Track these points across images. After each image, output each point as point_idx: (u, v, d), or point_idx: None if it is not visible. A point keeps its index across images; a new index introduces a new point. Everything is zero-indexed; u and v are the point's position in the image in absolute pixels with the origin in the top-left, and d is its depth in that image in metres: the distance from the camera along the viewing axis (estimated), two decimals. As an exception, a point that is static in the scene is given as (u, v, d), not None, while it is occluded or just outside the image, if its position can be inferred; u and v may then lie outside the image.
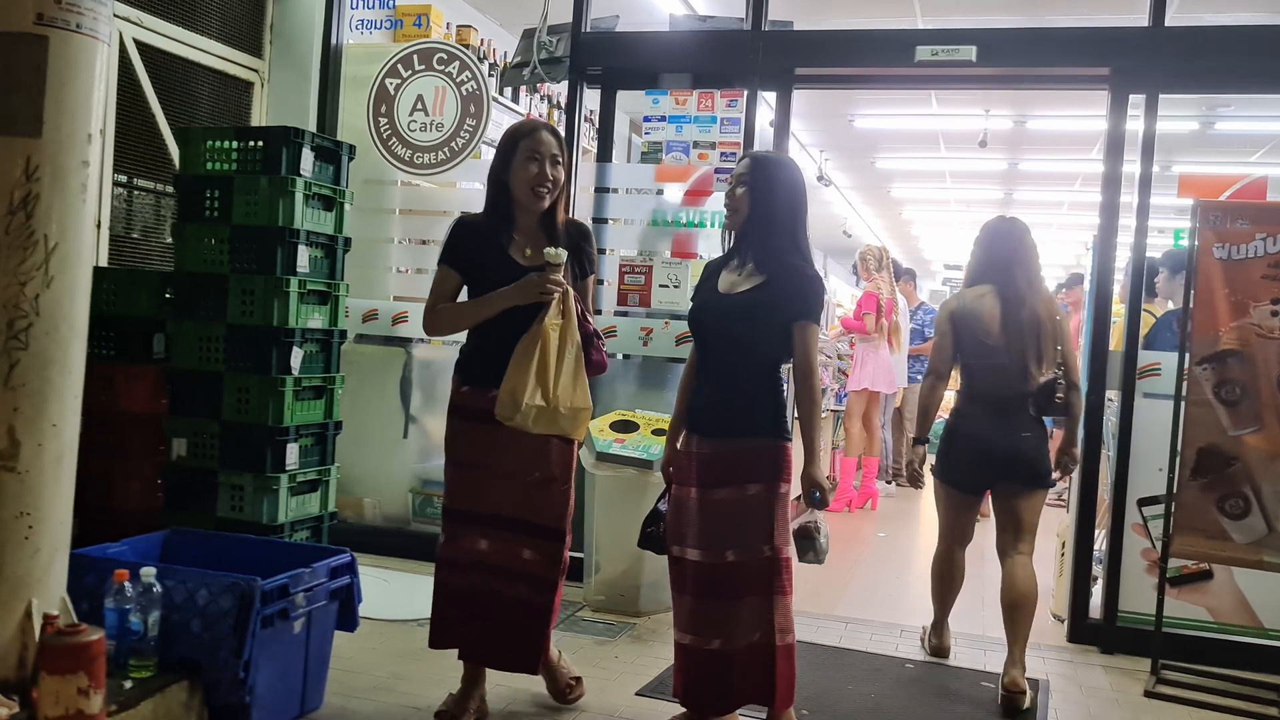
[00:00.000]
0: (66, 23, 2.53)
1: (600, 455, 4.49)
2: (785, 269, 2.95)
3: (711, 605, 2.96)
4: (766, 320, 2.94)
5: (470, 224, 3.14)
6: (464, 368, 3.15)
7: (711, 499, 2.97)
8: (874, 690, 3.74)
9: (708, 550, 2.96)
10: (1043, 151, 10.23)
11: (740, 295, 2.97)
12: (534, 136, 3.05)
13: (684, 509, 3.04)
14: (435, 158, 5.15)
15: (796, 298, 2.94)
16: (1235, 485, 3.91)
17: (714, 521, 2.96)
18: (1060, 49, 4.58)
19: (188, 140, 4.02)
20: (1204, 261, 3.99)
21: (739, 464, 2.95)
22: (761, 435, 2.95)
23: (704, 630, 2.97)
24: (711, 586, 2.95)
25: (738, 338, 2.97)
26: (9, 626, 2.52)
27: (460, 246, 3.10)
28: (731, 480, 2.95)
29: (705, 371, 3.07)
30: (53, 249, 2.55)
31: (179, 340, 3.93)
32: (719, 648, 2.95)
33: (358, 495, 5.33)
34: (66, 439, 2.63)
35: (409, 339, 5.35)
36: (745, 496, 2.93)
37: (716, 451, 2.98)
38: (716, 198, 4.85)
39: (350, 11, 5.49)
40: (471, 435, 3.09)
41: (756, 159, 3.07)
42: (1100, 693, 3.90)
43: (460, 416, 3.13)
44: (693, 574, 2.99)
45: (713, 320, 3.02)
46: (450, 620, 3.14)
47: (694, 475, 3.01)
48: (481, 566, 3.09)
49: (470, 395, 3.10)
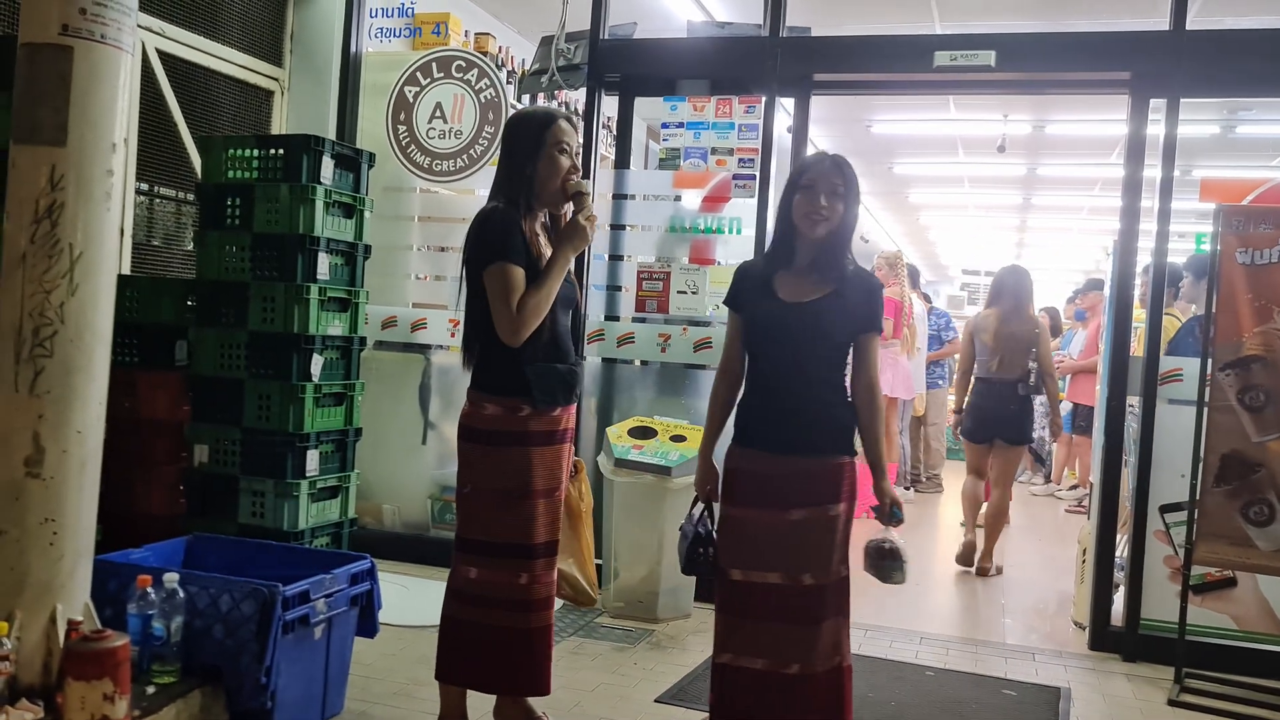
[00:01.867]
0: (91, 33, 2.55)
1: (619, 461, 4.49)
2: (853, 277, 2.80)
3: (790, 630, 2.76)
4: (840, 332, 2.79)
5: (515, 217, 2.80)
6: (528, 390, 2.78)
7: (789, 520, 2.75)
8: (894, 698, 3.72)
9: (785, 573, 2.75)
10: (1062, 156, 10.18)
11: (813, 305, 2.76)
12: (559, 125, 2.82)
13: (748, 530, 2.80)
14: (454, 165, 5.17)
15: (865, 308, 2.79)
16: (1259, 491, 3.87)
17: (793, 543, 2.75)
18: (1080, 53, 4.56)
19: (209, 148, 4.05)
20: (1227, 266, 3.96)
21: (815, 483, 2.76)
22: (836, 453, 2.78)
23: (782, 654, 2.75)
24: (792, 611, 2.75)
25: (812, 350, 2.77)
26: (34, 632, 2.54)
27: (521, 239, 2.79)
28: (808, 500, 2.75)
29: (766, 383, 2.83)
30: (78, 257, 2.57)
31: (201, 347, 3.96)
32: (799, 672, 2.75)
33: (377, 501, 5.35)
34: (91, 445, 2.65)
35: (428, 345, 5.37)
36: (827, 517, 2.75)
37: (789, 470, 2.76)
38: (735, 204, 4.86)
39: (369, 20, 5.52)
40: (547, 459, 2.85)
41: (843, 165, 2.82)
42: (1123, 701, 3.87)
43: (533, 443, 2.81)
44: (767, 598, 2.77)
45: (782, 331, 2.79)
46: (546, 660, 2.89)
47: (762, 495, 2.78)
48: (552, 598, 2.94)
49: (532, 418, 2.81)
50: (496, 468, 2.80)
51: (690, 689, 3.65)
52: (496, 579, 2.81)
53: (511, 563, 2.81)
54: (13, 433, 2.54)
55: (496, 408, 2.78)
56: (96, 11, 2.55)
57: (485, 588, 2.80)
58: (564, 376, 2.81)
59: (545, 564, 2.86)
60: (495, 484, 2.80)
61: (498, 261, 2.71)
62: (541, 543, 2.84)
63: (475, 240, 2.78)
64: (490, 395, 2.79)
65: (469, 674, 2.89)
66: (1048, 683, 3.99)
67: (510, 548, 2.80)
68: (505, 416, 2.77)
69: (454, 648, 2.87)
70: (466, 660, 2.86)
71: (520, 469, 2.79)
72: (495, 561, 2.80)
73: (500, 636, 2.82)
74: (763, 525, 2.77)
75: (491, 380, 2.80)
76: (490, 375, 2.81)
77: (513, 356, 2.76)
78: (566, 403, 2.85)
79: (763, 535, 2.77)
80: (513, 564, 2.81)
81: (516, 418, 2.77)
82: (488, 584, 2.81)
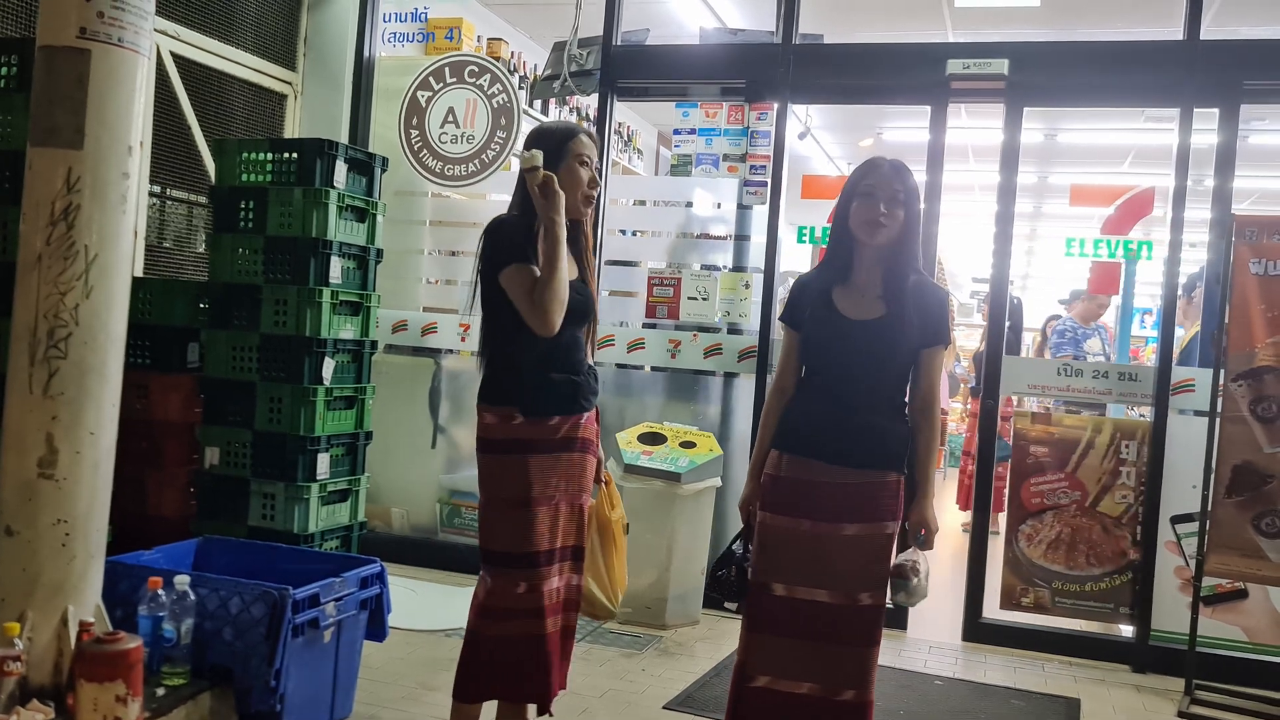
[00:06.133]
0: (109, 36, 2.56)
1: (628, 467, 4.49)
2: (916, 289, 2.66)
3: (847, 652, 2.62)
4: (905, 349, 2.65)
5: (527, 223, 2.76)
6: (520, 399, 2.75)
7: (843, 535, 2.61)
8: (902, 707, 3.72)
9: (838, 591, 2.61)
10: (1074, 165, 10.16)
11: (876, 324, 2.63)
12: (579, 139, 2.81)
13: (792, 543, 2.65)
14: (466, 169, 5.18)
15: (931, 321, 2.65)
16: (1272, 503, 3.86)
17: (848, 560, 2.62)
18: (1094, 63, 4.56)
19: (223, 152, 4.07)
20: (1240, 277, 3.95)
21: (870, 498, 2.62)
22: (891, 468, 2.64)
23: (835, 679, 2.61)
24: (846, 632, 2.62)
25: (877, 369, 2.65)
26: (45, 633, 2.55)
27: (531, 243, 2.74)
28: (863, 516, 2.61)
29: (823, 393, 2.69)
30: (93, 259, 2.58)
31: (213, 349, 3.97)
32: (853, 699, 2.61)
33: (386, 505, 5.36)
34: (104, 447, 2.66)
35: (438, 349, 5.38)
36: (884, 535, 2.62)
37: (843, 482, 2.62)
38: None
39: (383, 24, 5.54)
40: (546, 467, 2.78)
41: (903, 170, 2.67)
42: (1133, 712, 3.85)
43: (530, 451, 2.76)
44: (816, 616, 2.63)
45: (844, 350, 2.66)
46: (550, 670, 2.82)
47: (812, 505, 2.64)
48: (564, 605, 2.88)
49: (527, 427, 2.76)
50: (497, 476, 2.79)
51: (699, 696, 3.65)
52: (503, 588, 2.78)
53: (513, 572, 2.77)
54: (26, 434, 2.55)
55: (493, 417, 2.77)
56: (114, 15, 2.56)
57: (494, 598, 2.78)
58: (558, 386, 2.77)
59: (546, 573, 2.80)
60: (498, 493, 2.80)
61: (513, 264, 2.70)
62: (542, 551, 2.79)
63: (487, 248, 2.77)
64: (487, 405, 2.80)
65: (486, 690, 2.83)
66: (1057, 693, 3.98)
67: (509, 556, 2.77)
68: (500, 425, 2.76)
69: (470, 664, 2.80)
70: (483, 677, 2.80)
71: (518, 477, 2.75)
72: (499, 570, 2.78)
73: (509, 645, 2.78)
74: (811, 537, 2.63)
75: (489, 389, 2.81)
76: (488, 384, 2.82)
77: (511, 365, 2.76)
78: (565, 413, 2.79)
79: (811, 548, 2.63)
80: (514, 573, 2.77)
81: (511, 426, 2.75)
82: (496, 594, 2.79)
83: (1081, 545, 4.44)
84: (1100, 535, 4.42)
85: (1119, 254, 5.14)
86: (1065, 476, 4.47)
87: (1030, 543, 4.49)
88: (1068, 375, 4.53)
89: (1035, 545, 4.49)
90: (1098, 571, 4.42)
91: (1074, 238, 4.90)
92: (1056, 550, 4.46)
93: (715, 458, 4.57)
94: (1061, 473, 4.48)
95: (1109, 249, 5.09)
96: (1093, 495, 4.43)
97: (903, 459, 2.66)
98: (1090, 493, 4.44)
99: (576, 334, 2.85)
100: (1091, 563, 4.43)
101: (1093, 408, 5.19)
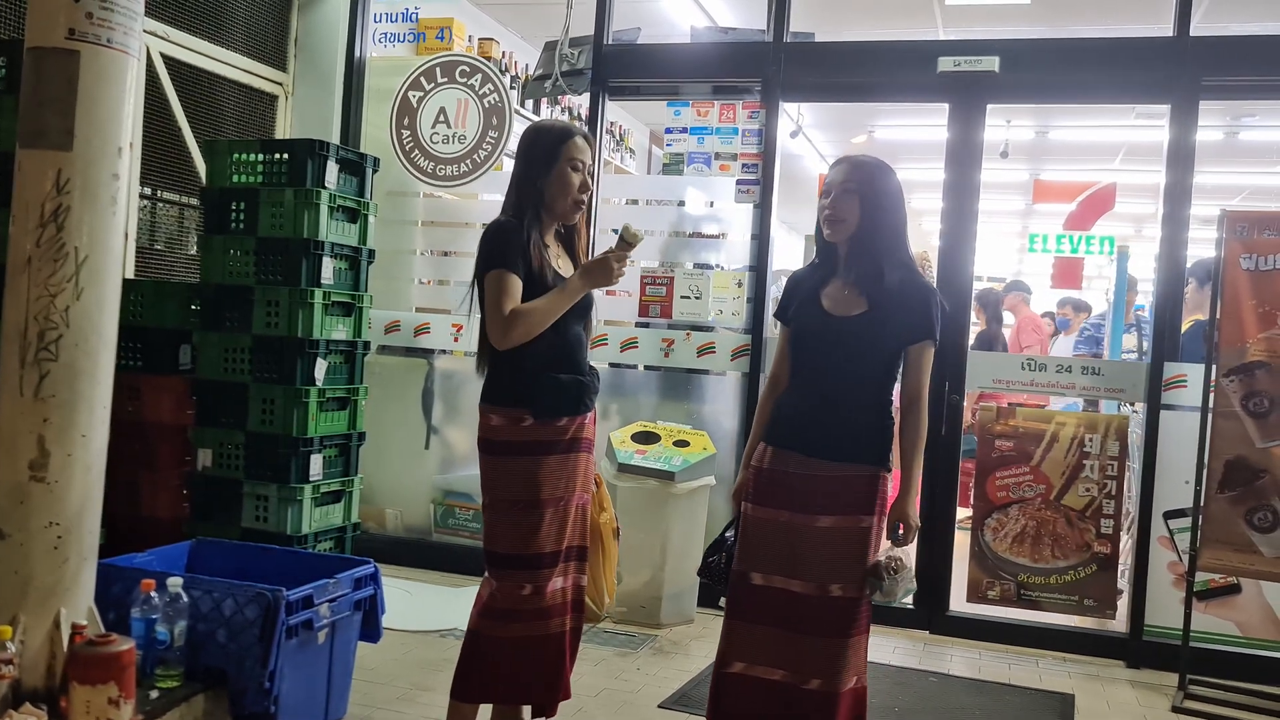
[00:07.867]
0: (98, 38, 2.55)
1: (621, 466, 4.49)
2: (900, 284, 2.66)
3: (817, 642, 2.65)
4: (887, 346, 2.68)
5: (518, 227, 2.76)
6: (532, 401, 2.74)
7: (816, 526, 2.65)
8: (897, 704, 3.72)
9: (811, 582, 2.65)
10: (1065, 162, 10.19)
11: (856, 318, 2.67)
12: (574, 142, 2.79)
13: (770, 533, 2.70)
14: (458, 170, 5.18)
15: (917, 315, 2.67)
16: (1264, 498, 3.87)
17: (820, 551, 2.64)
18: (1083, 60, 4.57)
19: (214, 153, 4.06)
20: (1231, 272, 3.96)
21: (845, 491, 2.65)
22: (870, 462, 2.66)
23: (804, 668, 2.65)
24: (821, 622, 2.65)
25: (858, 364, 2.69)
26: (37, 636, 2.54)
27: (520, 251, 2.74)
28: (837, 508, 2.65)
29: (807, 387, 2.74)
30: (83, 261, 2.57)
31: (205, 351, 3.96)
32: (820, 688, 2.63)
33: (380, 506, 5.35)
34: (95, 449, 2.65)
35: (431, 350, 5.38)
36: (858, 529, 2.64)
37: (818, 474, 2.66)
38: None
39: (374, 24, 5.53)
40: (553, 469, 2.78)
41: (859, 164, 2.72)
42: (1127, 708, 3.86)
43: (539, 452, 2.76)
44: (788, 606, 2.66)
45: (821, 343, 2.72)
46: (558, 672, 2.83)
47: (789, 496, 2.69)
48: (568, 606, 2.88)
49: (536, 428, 2.75)
50: (503, 478, 2.77)
51: (694, 694, 3.65)
52: (507, 590, 2.77)
53: (518, 574, 2.76)
54: (17, 436, 2.54)
55: (500, 418, 2.75)
56: (103, 16, 2.55)
57: (498, 600, 2.77)
58: (568, 387, 2.76)
59: (550, 574, 2.79)
60: (504, 494, 2.78)
61: (495, 268, 2.70)
62: (548, 552, 2.79)
63: (482, 250, 2.77)
64: (494, 406, 2.78)
65: (485, 691, 2.82)
66: (1052, 689, 3.99)
67: (514, 558, 2.76)
68: (509, 427, 2.74)
69: (469, 663, 2.79)
70: (483, 677, 2.79)
71: (527, 479, 2.74)
72: (504, 573, 2.77)
73: (512, 647, 2.77)
74: (788, 528, 2.67)
75: (496, 391, 2.79)
76: (494, 386, 2.80)
77: (517, 367, 2.74)
78: (572, 414, 2.79)
79: (787, 539, 2.67)
80: (519, 575, 2.76)
81: (520, 428, 2.73)
82: (500, 595, 2.78)
83: (1046, 538, 4.47)
84: (1064, 528, 4.44)
85: (1081, 249, 5.29)
86: (1030, 470, 4.49)
87: (996, 536, 4.51)
88: (1031, 370, 4.57)
89: (1001, 539, 4.51)
90: (1063, 564, 4.44)
91: (1036, 234, 4.98)
92: (1022, 543, 4.49)
93: (709, 456, 4.57)
94: (1026, 466, 4.49)
95: (1071, 244, 5.27)
96: (1057, 489, 4.45)
97: (882, 454, 2.68)
98: (1055, 486, 4.45)
99: (579, 333, 2.85)
100: (1057, 555, 4.45)
101: (1091, 403, 5.21)
